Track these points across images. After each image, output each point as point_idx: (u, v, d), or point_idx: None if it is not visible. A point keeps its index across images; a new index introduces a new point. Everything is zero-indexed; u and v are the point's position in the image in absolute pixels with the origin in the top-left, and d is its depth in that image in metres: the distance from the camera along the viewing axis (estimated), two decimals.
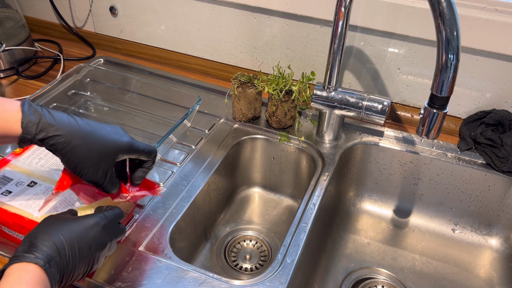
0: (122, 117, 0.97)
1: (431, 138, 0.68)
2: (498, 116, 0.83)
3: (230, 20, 0.98)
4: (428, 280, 0.85)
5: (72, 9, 1.15)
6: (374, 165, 0.91)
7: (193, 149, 0.85)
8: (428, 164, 0.86)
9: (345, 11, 0.71)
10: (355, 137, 0.89)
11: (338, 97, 0.81)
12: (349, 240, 0.91)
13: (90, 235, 0.50)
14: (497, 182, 0.84)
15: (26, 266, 0.43)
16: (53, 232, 0.47)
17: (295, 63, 0.98)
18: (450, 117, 0.92)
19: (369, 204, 0.96)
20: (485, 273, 0.86)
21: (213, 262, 0.83)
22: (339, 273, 0.85)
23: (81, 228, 0.50)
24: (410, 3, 0.81)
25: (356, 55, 0.91)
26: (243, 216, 0.93)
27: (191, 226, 0.77)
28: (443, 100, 0.63)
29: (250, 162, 0.93)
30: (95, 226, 0.52)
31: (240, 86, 0.86)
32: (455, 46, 0.57)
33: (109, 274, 0.61)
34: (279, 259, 0.65)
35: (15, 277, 0.42)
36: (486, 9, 0.78)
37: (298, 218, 0.72)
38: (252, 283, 0.61)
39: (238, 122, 0.91)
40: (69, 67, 1.07)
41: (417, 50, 0.86)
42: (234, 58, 1.04)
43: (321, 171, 0.82)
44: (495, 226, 0.89)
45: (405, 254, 0.89)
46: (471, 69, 0.85)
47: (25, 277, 0.42)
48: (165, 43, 1.09)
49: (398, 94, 0.93)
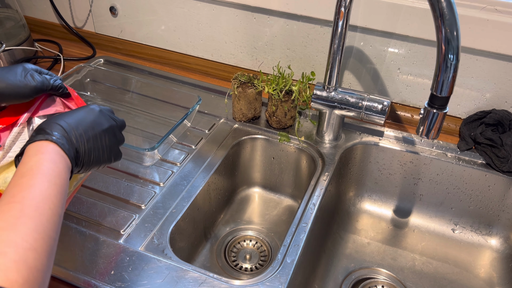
0: (122, 117, 0.96)
1: (431, 138, 0.68)
2: (498, 116, 0.83)
3: (230, 20, 0.98)
4: (428, 280, 0.85)
5: (72, 9, 1.15)
6: (374, 165, 0.91)
7: (193, 149, 0.85)
8: (428, 164, 0.86)
9: (345, 11, 0.71)
10: (355, 137, 0.89)
11: (338, 97, 0.81)
12: (349, 240, 0.91)
13: (89, 118, 0.54)
14: (497, 182, 0.84)
15: (41, 145, 0.47)
16: (55, 119, 0.51)
17: (295, 63, 0.98)
18: (450, 117, 0.92)
19: (369, 204, 0.96)
20: (485, 273, 0.86)
21: (213, 262, 0.83)
22: (339, 273, 0.85)
23: (79, 113, 0.54)
24: (410, 3, 0.81)
25: (356, 55, 0.91)
26: (243, 216, 0.93)
27: (191, 226, 0.77)
28: (443, 100, 0.63)
29: (250, 162, 0.93)
30: (91, 111, 0.55)
31: (240, 86, 0.86)
32: (455, 46, 0.57)
33: (109, 274, 0.61)
34: (279, 259, 0.65)
35: (32, 150, 0.46)
36: (486, 9, 0.78)
37: (298, 218, 0.72)
38: (252, 283, 0.61)
39: (238, 122, 0.91)
40: (69, 67, 1.07)
41: (417, 50, 0.86)
42: (234, 58, 1.04)
43: (321, 171, 0.82)
44: (495, 226, 0.89)
45: (405, 254, 0.89)
46: (471, 69, 0.85)
47: (41, 149, 0.46)
48: (165, 43, 1.09)
49: (398, 94, 0.93)
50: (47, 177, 0.43)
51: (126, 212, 0.71)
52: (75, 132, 0.50)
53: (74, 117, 0.52)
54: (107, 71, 1.01)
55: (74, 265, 0.62)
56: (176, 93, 0.93)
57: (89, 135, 0.52)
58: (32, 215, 0.39)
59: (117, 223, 0.69)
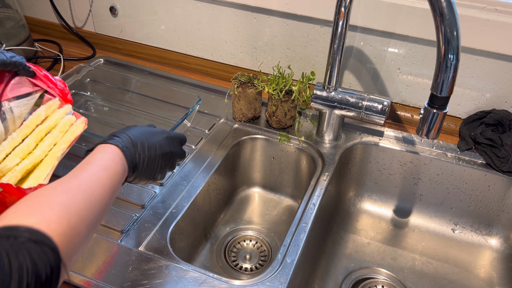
0: (122, 117, 0.97)
1: (431, 138, 0.68)
2: (498, 116, 0.83)
3: (230, 20, 0.98)
4: (428, 280, 0.85)
5: (72, 9, 1.15)
6: (374, 165, 0.91)
7: (193, 149, 0.85)
8: (428, 164, 0.86)
9: (345, 11, 0.71)
10: (355, 137, 0.89)
11: (338, 97, 0.81)
12: (349, 240, 0.91)
13: (155, 139, 0.59)
14: (497, 182, 0.84)
15: (107, 146, 0.53)
16: (128, 131, 0.58)
17: (295, 63, 0.98)
18: (450, 117, 0.92)
19: (369, 204, 0.96)
20: (485, 273, 0.86)
21: (213, 262, 0.83)
22: (339, 273, 0.85)
23: (149, 132, 0.60)
24: (410, 3, 0.81)
25: (356, 55, 0.91)
26: (243, 216, 0.93)
27: (191, 226, 0.77)
28: (443, 100, 0.63)
29: (250, 162, 0.93)
30: (160, 134, 0.61)
31: (240, 86, 0.86)
32: (455, 46, 0.57)
33: (110, 274, 0.61)
34: (279, 259, 0.65)
35: (100, 149, 0.53)
36: (486, 9, 0.78)
37: (298, 218, 0.72)
38: (252, 283, 0.61)
39: (238, 122, 0.91)
40: (69, 67, 1.07)
41: (417, 50, 0.86)
42: (234, 58, 1.04)
43: (321, 171, 0.82)
44: (495, 226, 0.89)
45: (405, 254, 0.89)
46: (471, 69, 0.85)
47: (108, 150, 0.53)
48: (165, 43, 1.09)
49: (398, 94, 0.93)
50: (106, 171, 0.50)
51: (126, 212, 0.71)
52: (140, 146, 0.56)
53: (144, 133, 0.58)
54: (107, 71, 1.01)
55: (75, 264, 0.62)
56: (176, 93, 0.93)
57: (151, 154, 0.58)
58: (86, 192, 0.46)
59: (117, 223, 0.69)
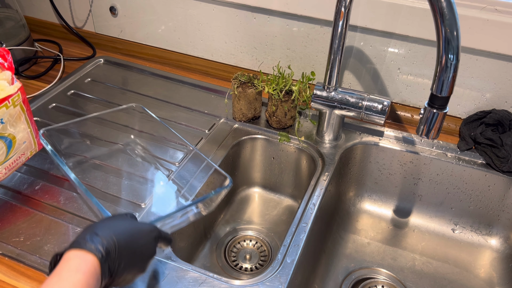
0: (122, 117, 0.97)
1: (431, 138, 0.68)
2: (498, 116, 0.83)
3: (230, 20, 0.98)
4: (428, 280, 0.85)
5: (72, 9, 1.15)
6: (374, 165, 0.91)
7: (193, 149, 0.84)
8: (428, 164, 0.86)
9: (345, 11, 0.71)
10: (355, 137, 0.89)
11: (338, 97, 0.81)
12: (349, 240, 0.91)
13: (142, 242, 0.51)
14: (497, 182, 0.84)
15: (86, 255, 0.44)
16: (115, 230, 0.48)
17: (295, 63, 0.98)
18: (450, 117, 0.92)
19: (369, 204, 0.96)
20: (485, 273, 0.86)
21: (213, 262, 0.83)
22: (339, 273, 0.85)
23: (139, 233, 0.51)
24: (410, 3, 0.81)
25: (356, 55, 0.91)
26: (243, 216, 0.93)
27: (191, 226, 0.77)
28: (443, 100, 0.63)
29: (250, 162, 0.93)
30: (150, 233, 0.52)
31: (240, 86, 0.86)
32: (455, 46, 0.57)
33: None
34: (279, 259, 0.65)
35: (74, 264, 0.44)
36: (486, 9, 0.78)
37: (298, 218, 0.72)
38: (252, 283, 0.61)
39: (238, 122, 0.91)
40: (69, 67, 1.07)
41: (417, 50, 0.86)
42: (234, 58, 1.04)
43: (321, 171, 0.82)
44: (495, 226, 0.89)
45: (405, 254, 0.89)
46: (471, 69, 0.85)
47: (83, 267, 0.43)
48: (165, 43, 1.09)
49: (398, 94, 0.93)
50: None
51: (126, 212, 0.71)
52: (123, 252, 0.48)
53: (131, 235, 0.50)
54: (107, 71, 1.01)
55: None
56: (176, 92, 0.93)
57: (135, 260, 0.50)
58: None
59: None
